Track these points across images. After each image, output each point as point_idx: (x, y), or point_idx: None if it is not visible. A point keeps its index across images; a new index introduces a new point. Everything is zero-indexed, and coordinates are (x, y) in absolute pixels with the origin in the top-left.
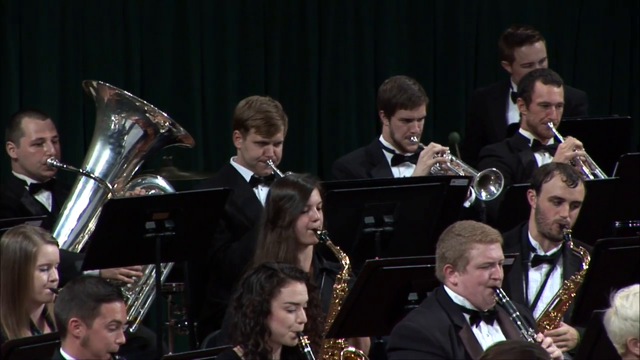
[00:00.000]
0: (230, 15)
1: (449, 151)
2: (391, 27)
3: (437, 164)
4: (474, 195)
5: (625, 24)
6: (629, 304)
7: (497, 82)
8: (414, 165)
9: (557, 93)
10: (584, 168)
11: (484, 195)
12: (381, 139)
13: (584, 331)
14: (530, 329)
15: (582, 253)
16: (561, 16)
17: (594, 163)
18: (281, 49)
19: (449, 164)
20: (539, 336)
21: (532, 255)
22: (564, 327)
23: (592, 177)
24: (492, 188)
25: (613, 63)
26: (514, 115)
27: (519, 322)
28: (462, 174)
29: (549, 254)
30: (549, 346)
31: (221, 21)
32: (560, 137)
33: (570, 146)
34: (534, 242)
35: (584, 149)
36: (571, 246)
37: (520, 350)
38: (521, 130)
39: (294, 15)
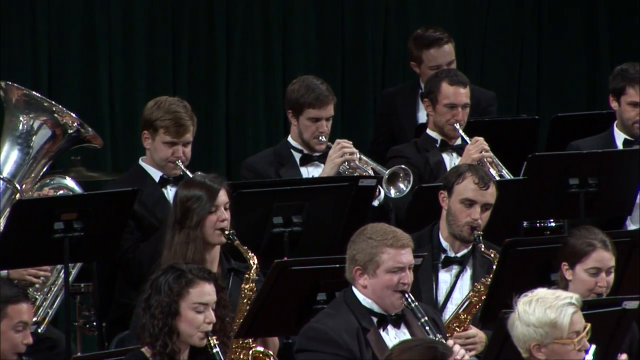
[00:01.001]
0: (138, 15)
1: (356, 150)
2: (299, 28)
3: (346, 163)
4: (382, 194)
5: (532, 24)
6: (531, 309)
7: (406, 83)
8: (322, 165)
9: (463, 94)
10: (491, 170)
11: (393, 192)
12: (289, 139)
13: (491, 333)
14: (439, 335)
15: (492, 256)
16: (468, 17)
17: (501, 164)
18: (189, 49)
19: (357, 162)
20: (449, 342)
21: (443, 256)
22: (473, 330)
23: (499, 179)
24: (402, 185)
25: (520, 64)
26: (424, 115)
27: (427, 328)
28: (370, 172)
29: (459, 255)
30: (462, 357)
31: (129, 21)
32: (467, 138)
33: (477, 148)
34: (444, 243)
35: (490, 151)
36: (482, 249)
37: (425, 347)
38: (428, 131)
39: (202, 16)
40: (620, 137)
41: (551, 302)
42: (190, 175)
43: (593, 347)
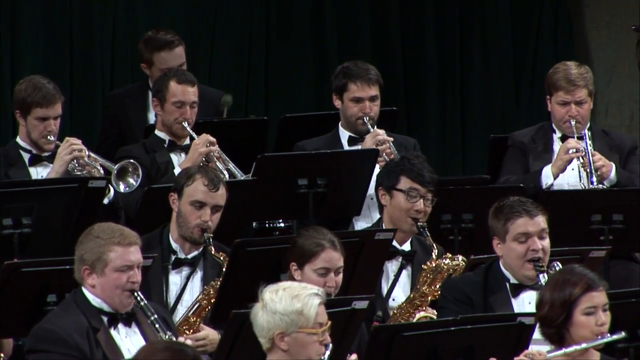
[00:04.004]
0: None
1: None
2: (27, 27)
3: (75, 160)
4: (112, 191)
5: (260, 25)
6: (278, 297)
7: (135, 84)
8: (51, 165)
9: (191, 92)
10: (218, 163)
11: (122, 187)
12: (18, 139)
13: (223, 332)
14: (169, 332)
15: (222, 259)
16: (197, 17)
17: (228, 159)
18: None
19: (86, 159)
20: (179, 340)
21: (173, 258)
22: (204, 332)
23: (226, 173)
24: (131, 180)
25: (249, 64)
26: (154, 116)
27: (157, 325)
28: (99, 168)
29: (189, 257)
30: None
31: None
32: (195, 136)
33: (203, 142)
34: (175, 245)
35: (217, 145)
36: (212, 252)
37: (174, 349)
38: (157, 131)
39: None
40: (345, 135)
41: (298, 291)
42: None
43: (331, 345)
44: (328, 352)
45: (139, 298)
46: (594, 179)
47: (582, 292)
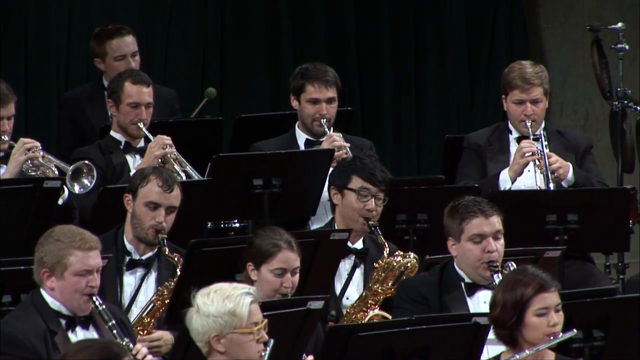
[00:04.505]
0: None
1: (40, 147)
2: None
3: (29, 161)
4: (67, 192)
5: (216, 24)
6: (210, 300)
7: (88, 84)
8: (5, 166)
9: (146, 93)
10: (175, 165)
11: (77, 188)
12: None
13: (178, 333)
14: (126, 339)
15: (176, 260)
16: (152, 16)
17: (185, 160)
18: None
19: (41, 159)
20: (136, 347)
21: (128, 259)
22: (158, 333)
23: (183, 175)
24: (85, 181)
25: (204, 64)
26: None
27: (114, 331)
28: (54, 169)
29: (144, 258)
30: (144, 356)
31: None
32: (151, 137)
33: (159, 145)
34: (129, 246)
35: (174, 147)
36: (166, 252)
37: (99, 346)
38: (112, 132)
39: None
40: (302, 137)
41: (229, 292)
42: None
43: (272, 341)
44: (269, 349)
45: (97, 302)
46: (551, 183)
47: (533, 293)
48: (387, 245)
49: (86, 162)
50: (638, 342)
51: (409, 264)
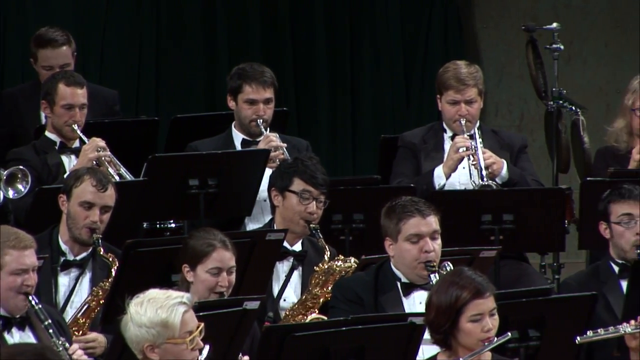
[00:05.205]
0: None
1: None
2: None
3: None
4: (1, 195)
5: (151, 24)
6: (143, 310)
7: (27, 82)
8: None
9: (80, 95)
10: (109, 168)
11: (11, 193)
12: None
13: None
14: (62, 338)
15: (111, 260)
16: (87, 16)
17: (119, 163)
18: None
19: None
20: (72, 347)
21: (62, 259)
22: (93, 335)
23: (117, 178)
24: (20, 186)
25: (139, 64)
26: None
27: (50, 330)
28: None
29: (78, 258)
30: (80, 357)
31: None
32: (85, 139)
33: (93, 148)
34: (64, 247)
35: (108, 150)
36: (101, 252)
37: (33, 352)
38: (47, 133)
39: None
40: (238, 137)
41: (162, 302)
42: None
43: (207, 347)
44: (205, 354)
45: (33, 302)
46: (485, 176)
47: (469, 298)
48: (327, 249)
49: (21, 167)
50: (573, 342)
51: (349, 269)
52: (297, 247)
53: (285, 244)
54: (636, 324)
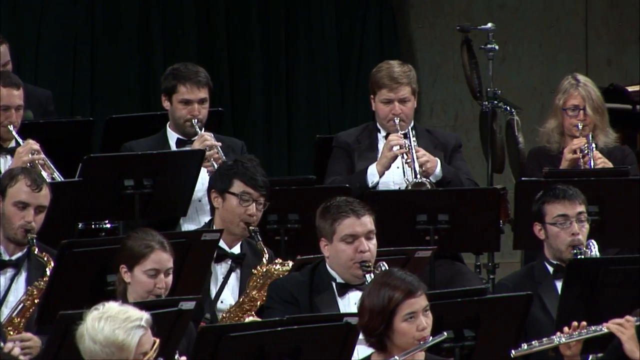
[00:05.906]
0: None
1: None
2: None
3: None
4: None
5: (86, 24)
6: (100, 327)
7: None
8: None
9: (16, 96)
10: (43, 172)
11: None
12: None
13: (49, 334)
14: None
15: (46, 260)
16: (22, 18)
17: (53, 167)
18: None
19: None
20: (7, 346)
21: None
22: (28, 334)
23: (53, 181)
24: None
25: (74, 64)
26: None
27: None
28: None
29: (13, 258)
30: (17, 355)
31: None
32: (21, 140)
33: (27, 151)
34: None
35: (42, 153)
36: (36, 252)
37: None
38: None
39: None
40: (173, 137)
41: (120, 324)
42: None
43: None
44: None
45: None
46: (418, 174)
47: (401, 298)
48: (266, 252)
49: None
50: (507, 342)
51: (287, 272)
52: (236, 249)
53: (224, 245)
54: (569, 332)
